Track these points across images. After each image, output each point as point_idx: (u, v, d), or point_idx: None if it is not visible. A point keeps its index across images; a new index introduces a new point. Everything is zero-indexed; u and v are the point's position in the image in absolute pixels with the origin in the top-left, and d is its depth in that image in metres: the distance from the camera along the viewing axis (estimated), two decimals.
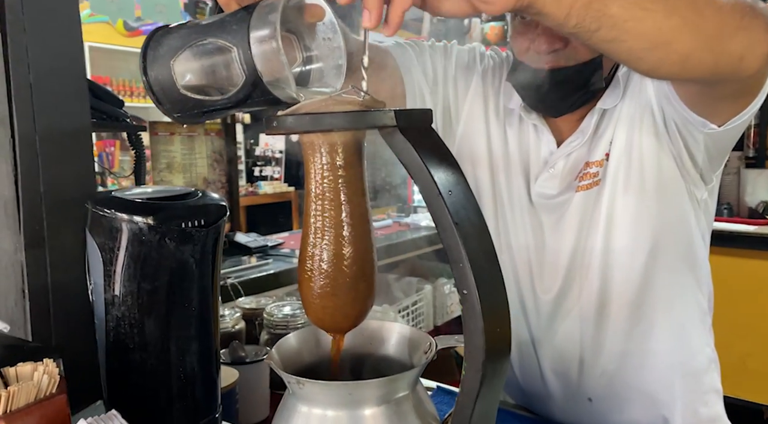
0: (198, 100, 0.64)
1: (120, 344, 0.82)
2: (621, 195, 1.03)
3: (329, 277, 0.64)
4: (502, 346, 0.58)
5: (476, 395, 0.57)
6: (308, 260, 0.65)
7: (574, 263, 1.08)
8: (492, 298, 0.56)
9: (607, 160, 1.04)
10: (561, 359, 1.13)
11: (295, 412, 0.65)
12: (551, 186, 1.09)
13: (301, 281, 0.66)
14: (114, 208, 0.78)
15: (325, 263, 0.64)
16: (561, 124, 1.09)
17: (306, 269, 0.65)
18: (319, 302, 0.65)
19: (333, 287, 0.64)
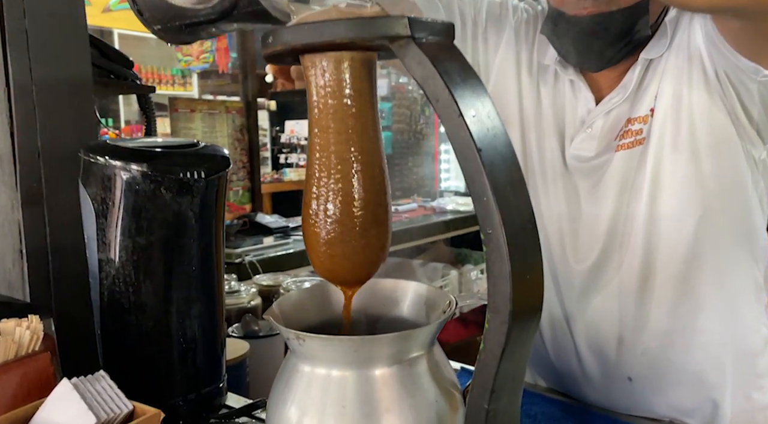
0: (179, 8, 0.56)
1: (115, 305, 0.75)
2: (668, 154, 0.93)
3: (337, 221, 0.56)
4: (533, 295, 0.49)
5: (501, 352, 0.48)
6: (313, 202, 0.57)
7: (614, 231, 0.98)
8: (521, 237, 0.48)
9: (652, 116, 0.94)
10: (597, 336, 1.04)
11: (297, 372, 0.57)
12: (588, 147, 0.99)
13: (306, 227, 0.58)
14: (107, 155, 0.72)
15: (332, 205, 0.56)
16: (600, 80, 0.99)
17: (310, 213, 0.57)
18: (326, 250, 0.57)
19: (341, 233, 0.56)
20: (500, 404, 0.51)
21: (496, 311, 0.48)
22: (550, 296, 1.08)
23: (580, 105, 1.00)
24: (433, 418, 0.55)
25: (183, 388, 0.79)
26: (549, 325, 1.10)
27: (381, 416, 0.53)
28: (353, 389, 0.54)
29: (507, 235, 0.46)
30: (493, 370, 0.49)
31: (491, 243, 0.47)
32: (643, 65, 0.94)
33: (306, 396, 0.55)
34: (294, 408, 0.56)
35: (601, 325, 1.02)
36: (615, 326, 1.01)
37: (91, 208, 0.74)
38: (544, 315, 1.12)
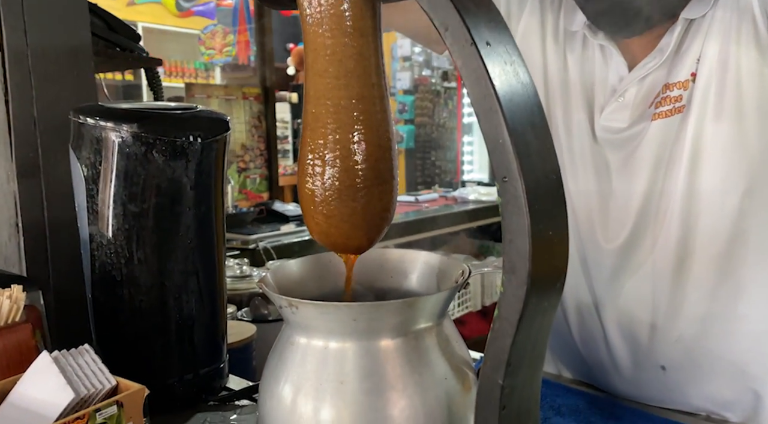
0: None
1: (106, 277, 0.71)
2: (711, 122, 0.84)
3: (334, 177, 0.50)
4: (556, 254, 0.43)
5: (518, 319, 0.42)
6: (308, 156, 0.51)
7: (648, 208, 0.91)
8: (543, 187, 0.41)
9: (694, 81, 0.86)
10: (629, 322, 0.96)
11: (291, 345, 0.51)
12: (620, 118, 0.91)
13: (301, 186, 0.53)
14: (97, 116, 0.67)
15: (329, 158, 0.50)
16: (633, 45, 0.92)
17: (306, 169, 0.52)
18: (323, 211, 0.51)
19: (339, 191, 0.50)
20: (517, 380, 0.44)
21: (512, 271, 0.41)
22: (578, 279, 1.00)
23: (611, 72, 0.93)
24: (442, 397, 0.49)
25: (179, 368, 0.74)
26: (575, 311, 1.03)
27: (383, 393, 0.48)
28: (352, 363, 0.48)
29: (526, 183, 0.40)
30: (509, 340, 0.42)
31: (507, 193, 0.41)
32: (683, 26, 0.86)
33: (300, 371, 0.50)
34: (287, 384, 0.50)
35: (632, 310, 0.95)
36: (648, 311, 0.93)
37: (81, 175, 0.69)
38: (570, 300, 1.06)
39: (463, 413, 0.50)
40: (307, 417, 0.48)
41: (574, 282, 1.01)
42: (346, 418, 0.47)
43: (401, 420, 0.47)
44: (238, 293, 1.33)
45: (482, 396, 0.44)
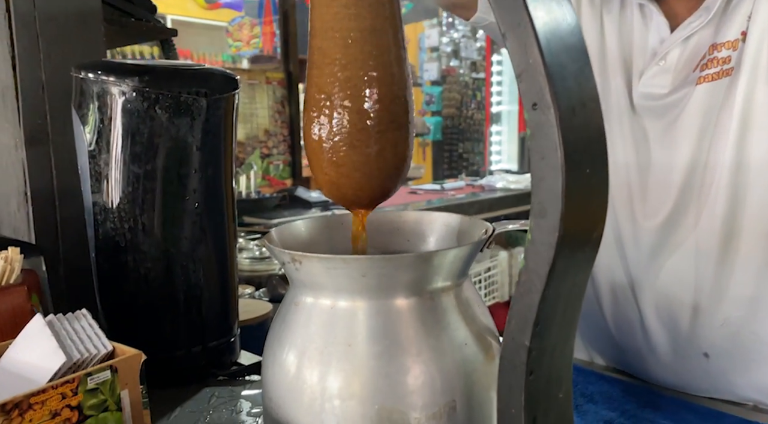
0: None
1: (110, 243, 0.67)
2: (763, 86, 0.77)
3: (343, 119, 0.45)
4: (594, 196, 0.37)
5: (548, 271, 0.36)
6: (315, 97, 0.47)
7: (690, 181, 0.84)
8: (580, 115, 0.36)
9: (744, 40, 0.78)
10: (668, 305, 0.89)
11: (295, 306, 0.47)
12: (662, 83, 0.84)
13: (308, 132, 0.48)
14: (98, 70, 0.64)
15: (339, 99, 0.45)
16: (676, 3, 0.85)
17: (313, 114, 0.47)
18: (332, 159, 0.47)
19: (349, 135, 0.46)
20: (546, 342, 0.39)
21: (541, 215, 0.36)
22: (612, 259, 0.94)
23: (651, 34, 0.86)
24: (460, 364, 0.44)
25: (187, 339, 0.71)
26: (610, 292, 0.96)
27: (395, 358, 0.42)
28: (362, 324, 0.43)
29: (560, 109, 0.34)
30: (537, 296, 0.37)
31: (537, 123, 0.35)
32: None
33: (305, 333, 0.45)
34: (290, 349, 0.45)
35: (673, 291, 0.88)
36: (690, 293, 0.86)
37: (83, 136, 0.66)
38: (604, 281, 0.99)
39: (485, 382, 0.45)
40: (312, 383, 0.43)
41: (607, 262, 0.95)
42: (354, 384, 0.42)
43: (415, 388, 0.42)
44: (257, 274, 1.30)
45: (506, 360, 0.39)
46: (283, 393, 0.45)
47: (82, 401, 0.48)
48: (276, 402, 0.46)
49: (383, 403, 0.42)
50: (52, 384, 0.46)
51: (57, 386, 0.46)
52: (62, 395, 0.47)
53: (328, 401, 0.43)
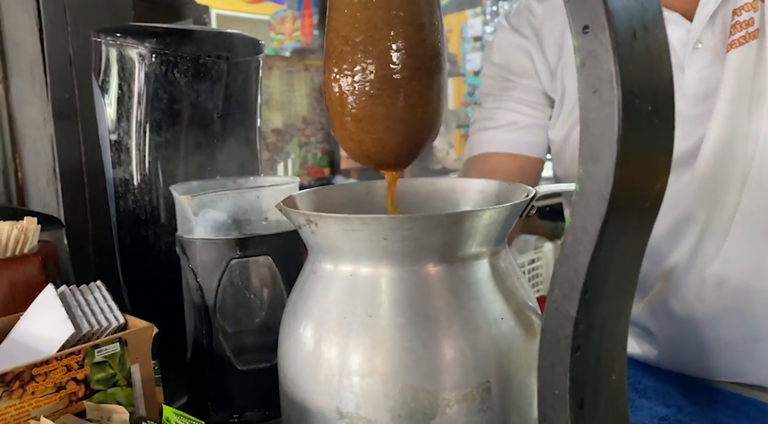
0: None
1: (130, 216, 0.65)
2: None
3: (365, 66, 0.41)
4: (659, 136, 0.31)
5: (599, 229, 0.31)
6: (333, 42, 0.42)
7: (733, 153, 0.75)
8: (641, 40, 0.30)
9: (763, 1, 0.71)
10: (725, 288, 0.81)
11: (312, 275, 0.42)
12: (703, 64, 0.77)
13: (327, 84, 0.43)
14: (117, 33, 0.61)
15: (359, 42, 0.41)
16: None
17: (331, 62, 0.42)
18: (354, 111, 0.42)
19: (372, 85, 0.41)
20: (596, 314, 0.33)
21: (592, 160, 0.30)
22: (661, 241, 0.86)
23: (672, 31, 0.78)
24: (496, 340, 0.39)
25: None
26: (662, 278, 0.88)
27: (421, 331, 0.38)
28: (384, 293, 0.39)
29: (617, 31, 0.29)
30: (586, 258, 0.31)
31: (587, 49, 0.29)
32: None
33: (322, 303, 0.41)
34: (307, 320, 0.41)
35: (721, 277, 0.80)
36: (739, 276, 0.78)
37: (102, 104, 0.63)
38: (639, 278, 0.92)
39: (525, 363, 0.40)
40: (329, 358, 0.39)
41: (657, 244, 0.87)
42: (374, 360, 0.38)
43: (444, 366, 0.37)
44: None
45: (548, 333, 0.34)
46: (299, 369, 0.41)
47: (88, 375, 0.45)
48: (291, 379, 0.42)
49: (407, 381, 0.37)
50: (56, 355, 0.43)
51: (61, 358, 0.43)
52: (67, 367, 0.44)
53: (347, 378, 0.38)
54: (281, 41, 4.87)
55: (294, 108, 2.43)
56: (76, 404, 0.44)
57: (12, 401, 0.41)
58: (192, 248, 0.52)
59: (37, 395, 0.42)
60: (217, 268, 0.52)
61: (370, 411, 0.38)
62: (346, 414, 0.38)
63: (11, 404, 0.40)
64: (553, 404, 0.34)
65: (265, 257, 0.53)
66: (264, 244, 0.53)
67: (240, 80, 0.63)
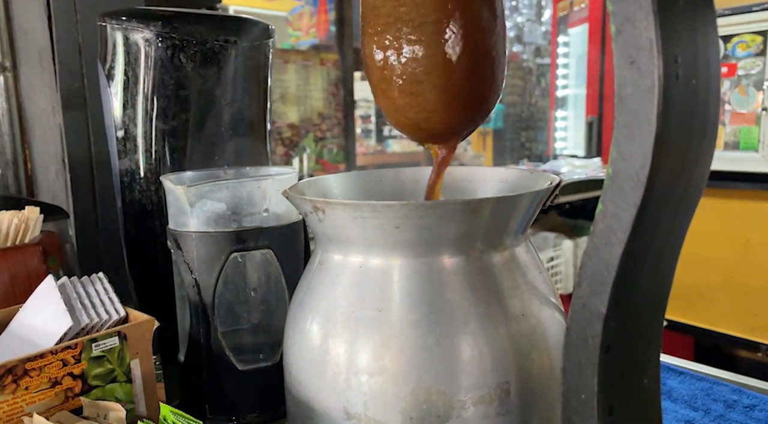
0: None
1: (136, 206, 0.63)
2: None
3: (420, 30, 0.37)
4: (700, 111, 0.28)
5: (635, 214, 0.27)
6: (375, 3, 0.39)
7: None
8: (686, 2, 0.27)
9: None
10: None
11: (320, 265, 0.40)
12: None
13: (368, 55, 0.39)
14: (122, 16, 0.59)
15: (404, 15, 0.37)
16: None
17: (374, 28, 0.39)
18: (405, 85, 0.38)
19: (426, 53, 0.37)
20: (629, 311, 0.30)
21: (627, 139, 0.27)
22: None
23: None
24: (516, 338, 0.36)
25: None
26: None
27: (434, 327, 0.35)
28: (396, 286, 0.36)
29: None
30: (619, 248, 0.28)
31: (626, 12, 0.26)
32: None
33: (330, 296, 0.38)
34: (314, 314, 0.39)
35: None
36: None
37: (108, 91, 0.61)
38: None
39: (547, 362, 0.37)
40: (336, 355, 0.36)
41: None
42: (384, 358, 0.35)
43: (460, 365, 0.35)
44: None
45: (575, 332, 0.30)
46: (305, 366, 0.38)
47: (86, 370, 0.43)
48: (297, 377, 0.39)
49: (420, 381, 0.34)
50: (51, 349, 0.41)
51: (57, 352, 0.41)
52: (63, 361, 0.42)
53: (354, 377, 0.35)
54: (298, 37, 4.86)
55: (310, 103, 2.41)
56: (73, 401, 0.42)
57: (4, 397, 0.39)
58: (187, 241, 0.50)
59: (30, 391, 0.40)
60: (215, 262, 0.49)
61: (380, 412, 0.35)
62: (353, 415, 0.36)
63: (4, 399, 0.38)
64: (579, 410, 0.31)
65: (266, 250, 0.51)
66: (265, 236, 0.50)
67: (249, 66, 0.60)
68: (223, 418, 0.51)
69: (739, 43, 2.35)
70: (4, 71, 0.80)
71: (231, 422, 0.51)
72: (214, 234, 0.49)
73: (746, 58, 2.31)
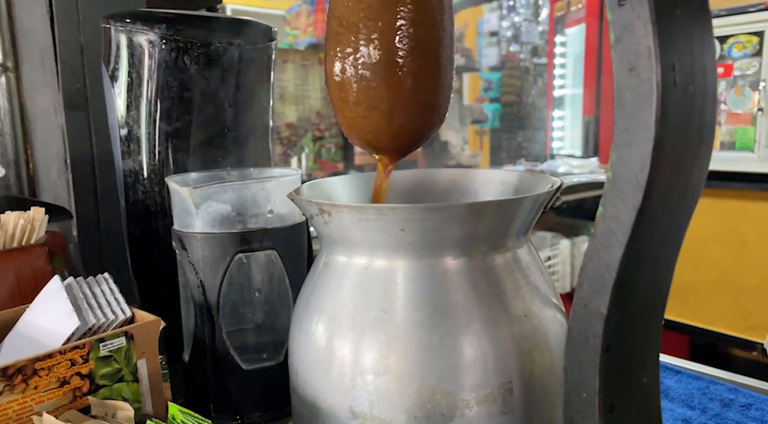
0: None
1: (140, 207, 0.63)
2: None
3: (356, 50, 0.38)
4: (696, 115, 0.29)
5: (635, 217, 0.28)
6: (330, 26, 0.40)
7: None
8: (682, 11, 0.27)
9: None
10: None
11: (325, 267, 0.41)
12: None
13: (327, 68, 0.41)
14: (126, 18, 0.59)
15: (351, 26, 0.38)
16: None
17: (328, 45, 0.40)
18: (347, 97, 0.40)
19: (371, 68, 0.38)
20: (629, 310, 0.31)
21: (627, 143, 0.28)
22: None
23: None
24: (518, 339, 0.36)
25: None
26: None
27: (438, 327, 0.36)
28: (400, 287, 0.37)
29: (657, 3, 0.26)
30: (619, 250, 0.29)
31: (624, 19, 0.27)
32: None
33: (335, 297, 0.39)
34: (319, 315, 0.39)
35: None
36: None
37: (111, 92, 0.62)
38: None
39: (548, 362, 0.37)
40: (341, 355, 0.37)
41: None
42: (389, 358, 0.36)
43: (463, 365, 0.35)
44: None
45: (576, 332, 0.31)
46: (310, 366, 0.39)
47: (93, 370, 0.43)
48: (302, 377, 0.40)
49: (424, 381, 0.35)
50: (60, 349, 0.42)
51: (65, 352, 0.42)
52: (71, 361, 0.42)
53: (360, 376, 0.36)
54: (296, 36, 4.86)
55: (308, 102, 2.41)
56: (81, 400, 0.42)
57: (14, 396, 0.39)
58: (193, 242, 0.51)
59: (40, 390, 0.40)
60: (220, 263, 0.50)
61: (385, 411, 0.36)
62: (359, 414, 0.36)
63: (13, 398, 0.39)
64: (581, 408, 0.32)
65: (270, 251, 0.52)
66: (269, 237, 0.51)
67: (252, 68, 0.61)
68: (228, 417, 0.51)
69: (735, 43, 2.36)
70: (6, 71, 0.80)
71: (235, 421, 0.51)
72: (219, 235, 0.50)
73: (742, 59, 2.33)
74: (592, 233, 0.30)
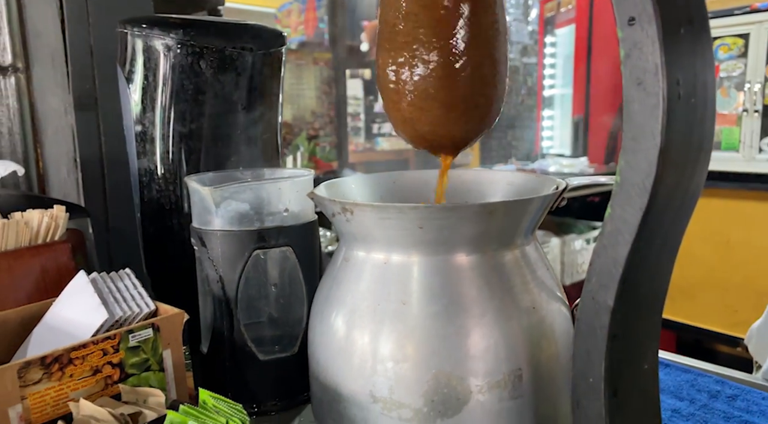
0: None
1: (154, 205, 0.65)
2: None
3: (425, 52, 0.40)
4: (697, 125, 0.32)
5: (641, 218, 0.31)
6: (389, 22, 0.42)
7: None
8: (686, 31, 0.30)
9: None
10: None
11: (345, 262, 0.43)
12: None
13: (382, 66, 0.42)
14: (143, 23, 0.61)
15: (417, 26, 0.41)
16: None
17: (387, 45, 0.42)
18: (416, 100, 0.41)
19: (434, 66, 0.40)
20: (633, 303, 0.34)
21: (634, 150, 0.31)
22: None
23: None
24: (527, 330, 0.39)
25: None
26: None
27: (454, 318, 0.38)
28: (418, 281, 0.39)
29: (664, 24, 0.29)
30: (625, 248, 0.32)
31: (634, 38, 0.30)
32: None
33: (355, 290, 0.41)
34: (340, 307, 0.42)
35: None
36: None
37: (128, 95, 0.64)
38: None
39: (555, 350, 0.40)
40: (362, 344, 0.40)
41: None
42: (407, 346, 0.38)
43: (476, 353, 0.38)
44: None
45: (584, 322, 0.34)
46: (332, 355, 0.42)
47: (123, 359, 0.46)
48: (323, 365, 0.42)
49: (440, 367, 0.38)
50: (93, 339, 0.44)
51: (98, 342, 0.44)
52: (103, 351, 0.44)
53: (380, 364, 0.39)
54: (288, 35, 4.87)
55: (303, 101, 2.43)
56: (112, 388, 0.45)
57: (51, 383, 0.41)
58: (212, 239, 0.53)
59: (75, 378, 0.43)
60: (238, 259, 0.52)
61: (403, 396, 0.39)
62: (379, 398, 0.39)
63: (51, 385, 0.41)
64: (587, 392, 0.35)
65: (286, 247, 0.54)
66: (285, 235, 0.54)
67: (264, 72, 0.63)
68: (245, 405, 0.54)
69: (721, 45, 2.42)
70: (17, 72, 0.82)
71: (252, 409, 0.54)
72: (237, 232, 0.52)
73: (728, 61, 2.38)
74: (601, 232, 0.33)
